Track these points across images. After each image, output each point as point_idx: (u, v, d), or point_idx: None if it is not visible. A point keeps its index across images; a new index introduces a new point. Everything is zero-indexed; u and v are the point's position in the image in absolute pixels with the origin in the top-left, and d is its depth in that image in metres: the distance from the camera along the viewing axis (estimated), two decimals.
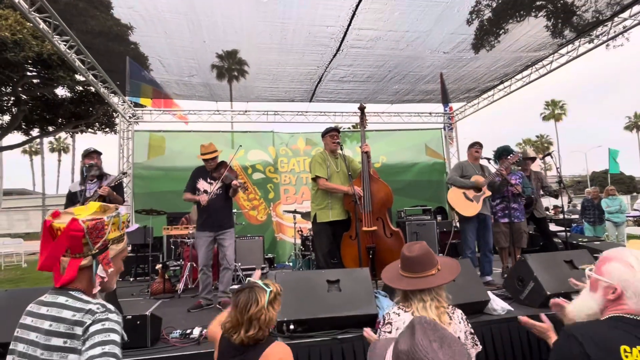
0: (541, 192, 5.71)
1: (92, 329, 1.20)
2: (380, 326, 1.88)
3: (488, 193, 4.79)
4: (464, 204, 4.81)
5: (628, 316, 1.36)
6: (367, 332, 2.04)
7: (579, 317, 1.49)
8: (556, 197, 5.74)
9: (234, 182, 4.23)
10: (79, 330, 1.20)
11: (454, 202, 4.90)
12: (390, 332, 1.80)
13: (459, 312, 1.90)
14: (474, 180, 4.79)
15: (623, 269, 1.40)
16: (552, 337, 1.82)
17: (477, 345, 1.90)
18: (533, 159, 5.83)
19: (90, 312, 1.23)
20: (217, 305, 4.11)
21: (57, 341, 1.19)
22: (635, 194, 36.21)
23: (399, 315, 1.83)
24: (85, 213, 1.35)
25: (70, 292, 1.29)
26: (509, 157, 4.99)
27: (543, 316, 1.86)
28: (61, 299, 1.27)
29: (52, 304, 1.26)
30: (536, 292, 3.34)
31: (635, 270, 1.38)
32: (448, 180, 5.11)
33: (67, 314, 1.23)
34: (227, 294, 4.17)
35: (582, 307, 1.50)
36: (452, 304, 1.92)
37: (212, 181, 4.39)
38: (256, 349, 1.67)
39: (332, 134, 4.51)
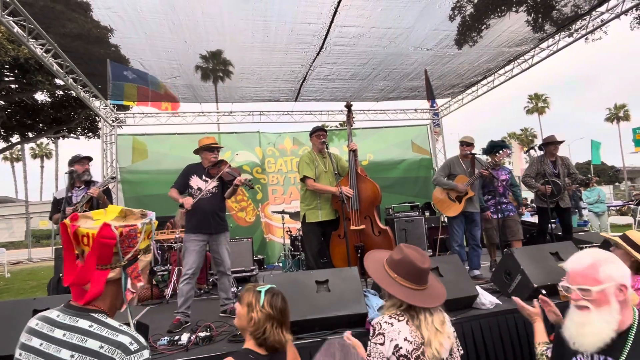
0: (567, 180, 5.28)
1: None
2: (370, 337, 1.75)
3: (472, 193, 4.86)
4: (447, 204, 4.97)
5: None
6: (348, 336, 1.92)
7: (607, 339, 1.37)
8: (587, 185, 5.64)
9: (239, 178, 3.80)
10: None
11: (437, 202, 5.13)
12: (382, 344, 1.68)
13: (447, 315, 1.87)
14: (456, 183, 4.90)
15: (615, 265, 1.41)
16: (538, 322, 1.94)
17: (459, 348, 1.89)
18: (559, 142, 5.48)
19: (122, 347, 1.08)
20: (222, 314, 3.88)
21: None
22: (617, 183, 37.09)
23: (392, 325, 1.71)
24: (107, 218, 1.17)
25: (93, 315, 1.14)
26: (499, 152, 5.04)
27: (535, 302, 1.95)
28: (83, 323, 1.11)
29: (72, 328, 1.10)
30: (523, 285, 3.37)
31: (619, 261, 1.43)
32: (433, 181, 5.19)
33: (92, 343, 1.07)
34: (232, 300, 3.92)
35: (608, 330, 1.37)
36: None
37: (207, 179, 3.92)
38: (281, 354, 1.72)
39: (318, 134, 4.49)
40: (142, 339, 1.14)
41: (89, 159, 4.46)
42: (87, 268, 1.13)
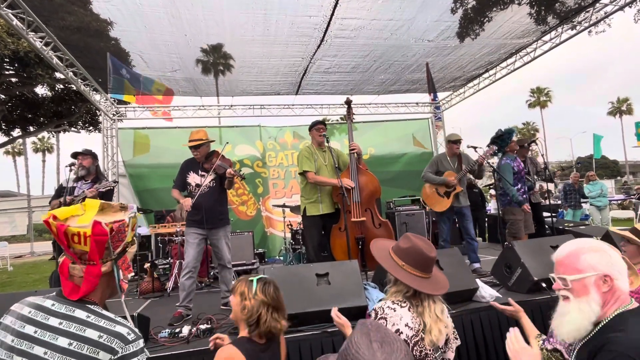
0: (536, 177, 5.64)
1: None
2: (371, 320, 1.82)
3: (460, 189, 4.86)
4: (436, 200, 5.00)
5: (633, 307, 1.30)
6: (337, 314, 2.07)
7: (582, 330, 1.32)
8: (551, 181, 5.78)
9: (229, 170, 3.75)
10: (104, 356, 1.10)
11: (425, 198, 5.17)
12: None
13: (445, 305, 1.91)
14: (444, 177, 4.89)
15: (598, 255, 1.34)
16: (523, 317, 1.94)
17: (457, 339, 1.91)
18: (527, 145, 5.75)
19: (121, 337, 1.13)
20: (223, 307, 3.89)
21: None
22: (619, 177, 37.02)
23: (394, 311, 1.75)
24: (88, 214, 1.22)
25: (89, 306, 1.18)
26: (487, 147, 4.97)
27: (510, 300, 1.97)
28: (80, 314, 1.15)
29: (68, 318, 1.14)
30: (524, 278, 3.37)
31: (606, 250, 1.36)
32: (422, 177, 5.18)
33: (91, 333, 1.11)
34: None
35: (581, 319, 1.31)
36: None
37: (204, 173, 3.91)
38: (276, 342, 1.82)
39: (317, 127, 4.46)
40: (137, 330, 1.20)
41: (82, 154, 4.43)
42: (94, 268, 1.19)
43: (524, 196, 5.08)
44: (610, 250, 1.36)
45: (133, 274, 6.16)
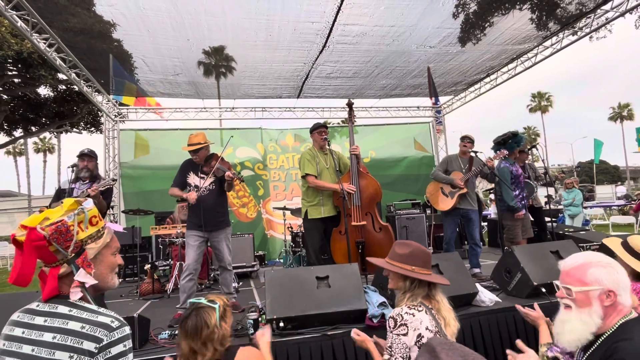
0: (535, 182, 5.64)
1: (114, 350, 1.14)
2: (391, 329, 1.79)
3: (465, 190, 4.82)
4: (439, 199, 4.99)
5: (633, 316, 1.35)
6: (357, 332, 1.99)
7: (582, 339, 1.37)
8: (551, 185, 5.79)
9: (227, 173, 3.75)
10: (89, 346, 1.12)
11: (429, 196, 5.14)
12: (406, 334, 1.73)
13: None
14: (452, 177, 4.88)
15: (605, 270, 1.38)
16: (541, 325, 1.94)
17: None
18: (527, 150, 5.77)
19: (104, 326, 1.16)
20: None
21: (63, 355, 1.10)
22: (619, 183, 36.99)
23: (413, 316, 1.76)
24: (56, 214, 1.23)
25: (70, 301, 1.21)
26: (497, 152, 4.99)
27: (536, 305, 1.97)
28: (63, 309, 1.18)
29: (52, 314, 1.17)
30: (523, 283, 3.38)
31: (613, 266, 1.40)
32: (431, 175, 5.20)
33: (74, 325, 1.14)
34: (234, 295, 4.01)
35: (583, 330, 1.37)
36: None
37: (203, 175, 3.91)
38: None
39: (319, 130, 4.47)
40: (121, 317, 1.22)
41: (88, 156, 4.42)
42: (25, 266, 1.20)
43: (523, 202, 5.04)
44: (617, 267, 1.40)
45: (94, 270, 6.12)
